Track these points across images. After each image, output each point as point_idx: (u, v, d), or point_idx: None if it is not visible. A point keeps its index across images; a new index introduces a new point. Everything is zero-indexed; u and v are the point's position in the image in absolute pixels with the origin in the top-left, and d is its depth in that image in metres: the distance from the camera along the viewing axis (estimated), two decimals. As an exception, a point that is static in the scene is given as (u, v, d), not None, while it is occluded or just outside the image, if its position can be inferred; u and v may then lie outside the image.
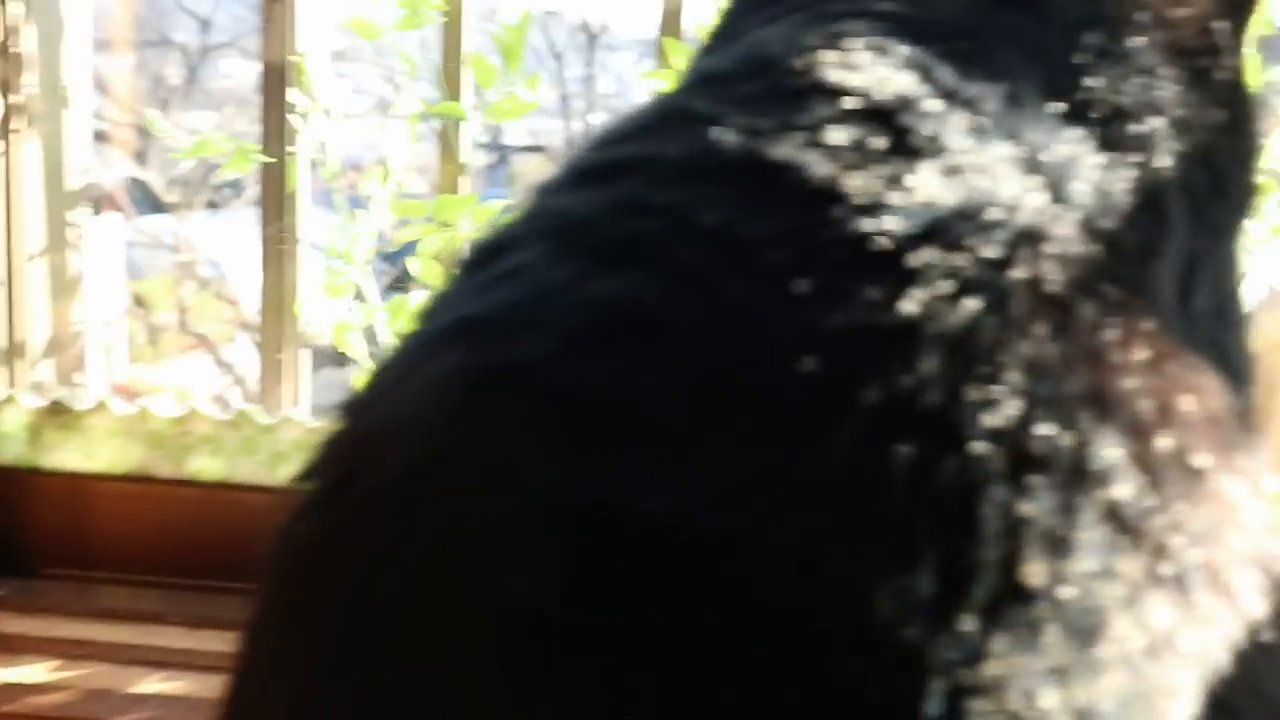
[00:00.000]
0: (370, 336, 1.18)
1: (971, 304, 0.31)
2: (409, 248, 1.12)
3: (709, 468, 0.29)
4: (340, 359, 1.24)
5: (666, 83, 1.08)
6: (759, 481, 0.29)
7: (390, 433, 0.34)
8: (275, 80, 1.13)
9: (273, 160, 1.13)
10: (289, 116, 1.12)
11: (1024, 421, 0.30)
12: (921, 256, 0.32)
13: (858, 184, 0.33)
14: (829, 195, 0.33)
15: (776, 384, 0.30)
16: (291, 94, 1.12)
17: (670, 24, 1.13)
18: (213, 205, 3.52)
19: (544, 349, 0.31)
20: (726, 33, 0.51)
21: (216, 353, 3.25)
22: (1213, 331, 0.42)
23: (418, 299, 1.13)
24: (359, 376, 1.20)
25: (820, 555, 0.28)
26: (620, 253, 0.33)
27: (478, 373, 0.32)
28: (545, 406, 0.31)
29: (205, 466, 1.10)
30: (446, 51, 1.12)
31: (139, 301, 3.19)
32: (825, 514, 0.28)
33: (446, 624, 0.29)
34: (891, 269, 0.31)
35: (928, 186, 0.33)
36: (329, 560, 0.33)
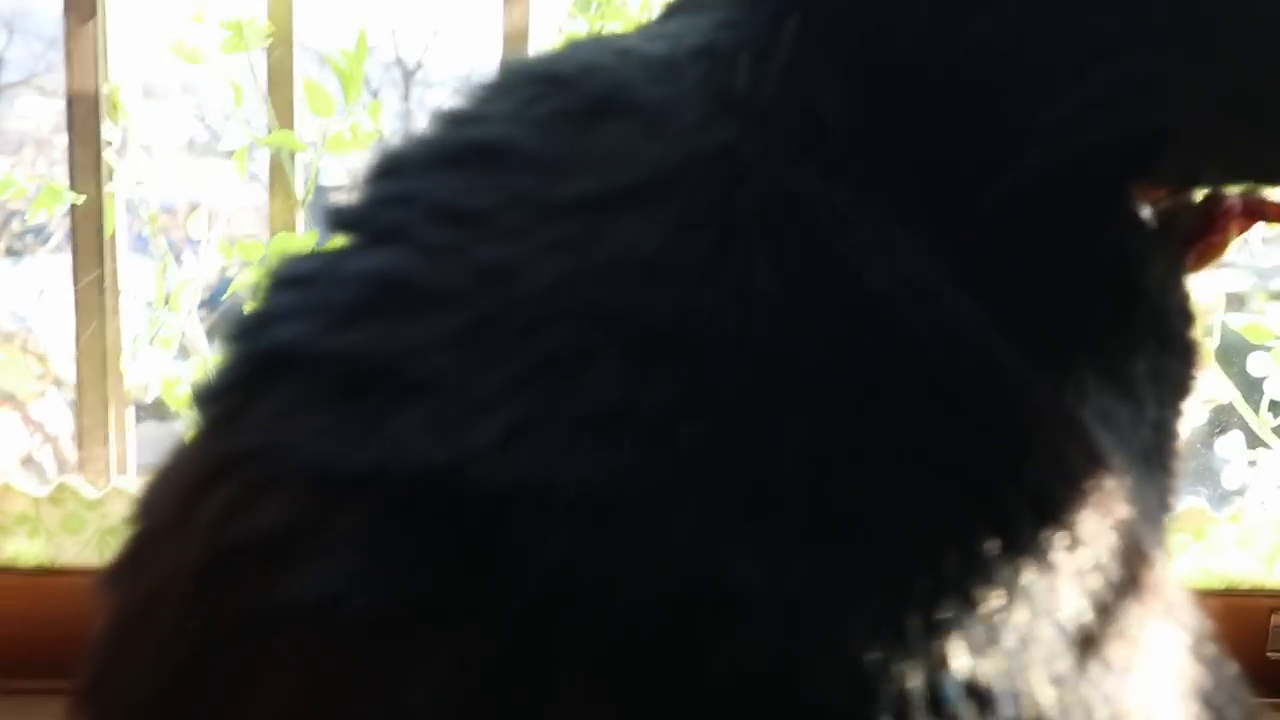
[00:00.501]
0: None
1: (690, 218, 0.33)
2: (235, 291, 1.05)
3: (482, 418, 0.29)
4: (162, 413, 1.14)
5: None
6: (533, 426, 0.29)
7: (172, 468, 0.34)
8: (84, 112, 1.03)
9: (84, 199, 1.03)
10: (103, 153, 1.02)
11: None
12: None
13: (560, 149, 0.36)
14: (540, 162, 0.36)
15: (534, 329, 0.30)
16: (104, 128, 1.02)
17: (513, 45, 1.08)
18: (13, 253, 3.31)
19: (309, 328, 0.32)
20: None
21: (24, 411, 3.05)
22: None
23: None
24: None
25: (609, 495, 0.28)
26: (378, 237, 0.35)
27: (249, 367, 0.33)
28: (312, 384, 0.31)
29: (22, 550, 0.98)
30: (274, 78, 1.04)
31: (-67, 360, 2.97)
32: (607, 452, 0.28)
33: (266, 637, 0.28)
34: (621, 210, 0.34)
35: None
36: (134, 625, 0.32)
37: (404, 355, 0.30)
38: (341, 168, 1.07)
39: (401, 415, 0.29)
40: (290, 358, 0.31)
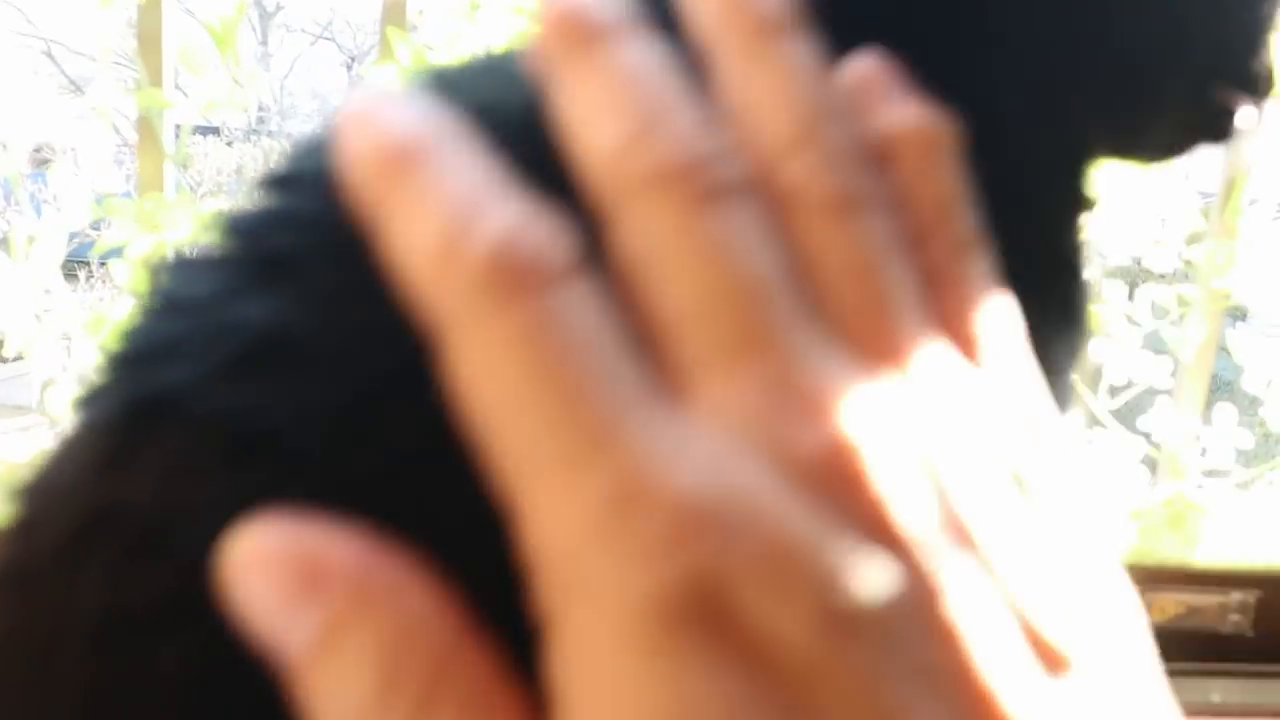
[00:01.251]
0: (66, 348, 1.07)
1: None
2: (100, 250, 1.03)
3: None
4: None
5: (391, 74, 1.03)
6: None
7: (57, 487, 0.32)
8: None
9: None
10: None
11: None
12: None
13: None
14: None
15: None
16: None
17: (394, 13, 1.07)
18: None
19: (196, 375, 0.30)
20: None
21: None
22: None
23: (122, 309, 1.03)
24: (49, 392, 1.10)
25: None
26: (270, 266, 0.31)
27: (134, 409, 0.31)
28: (200, 444, 0.29)
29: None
30: (144, 34, 1.02)
31: None
32: None
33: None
34: None
35: None
36: None
37: (291, 421, 0.29)
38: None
39: (287, 491, 0.28)
40: (177, 407, 0.30)
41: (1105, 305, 1.12)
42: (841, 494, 0.22)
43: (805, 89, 0.27)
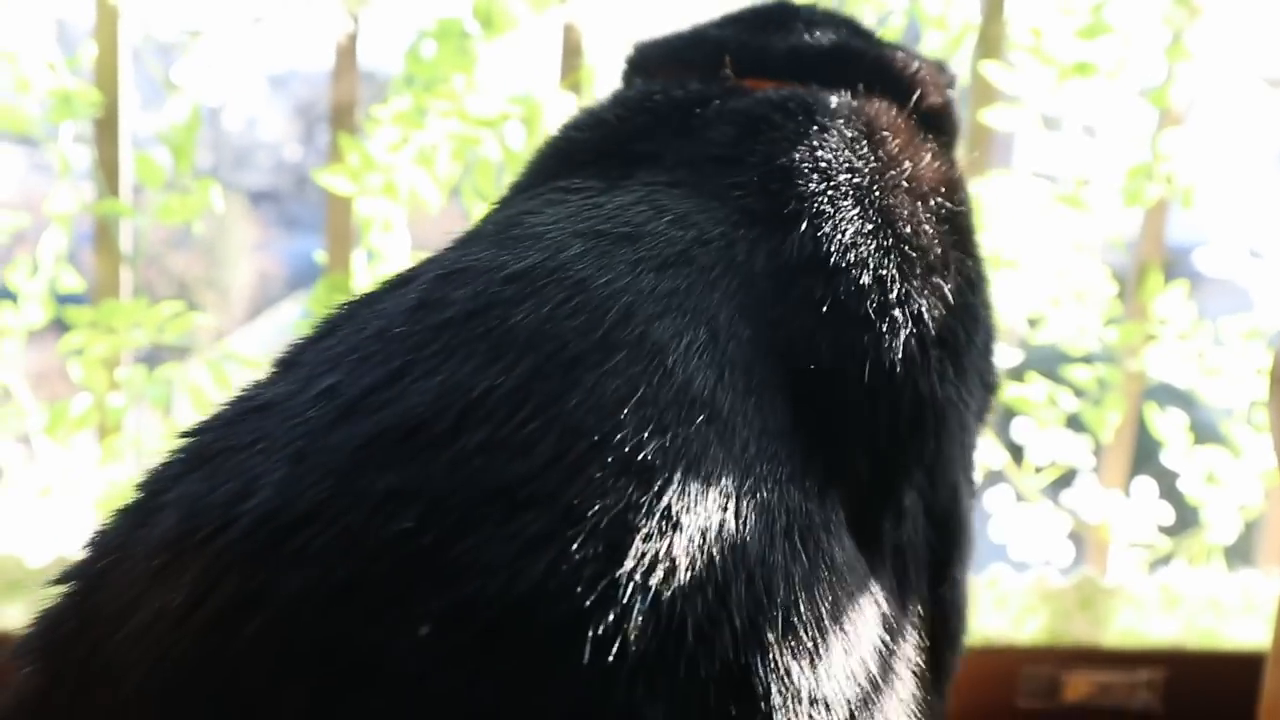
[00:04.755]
0: (24, 442, 1.10)
1: None
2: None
3: None
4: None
5: (337, 181, 1.07)
6: None
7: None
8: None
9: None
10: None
11: None
12: None
13: None
14: None
15: None
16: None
17: (343, 115, 1.11)
18: None
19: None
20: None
21: None
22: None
23: (79, 406, 1.06)
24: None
25: None
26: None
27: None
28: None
29: None
30: (102, 146, 1.06)
31: None
32: None
33: None
34: None
35: None
36: None
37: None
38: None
39: None
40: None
41: (1027, 387, 1.17)
42: None
43: None
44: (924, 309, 0.49)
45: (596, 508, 0.33)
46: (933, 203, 0.54)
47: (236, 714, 0.31)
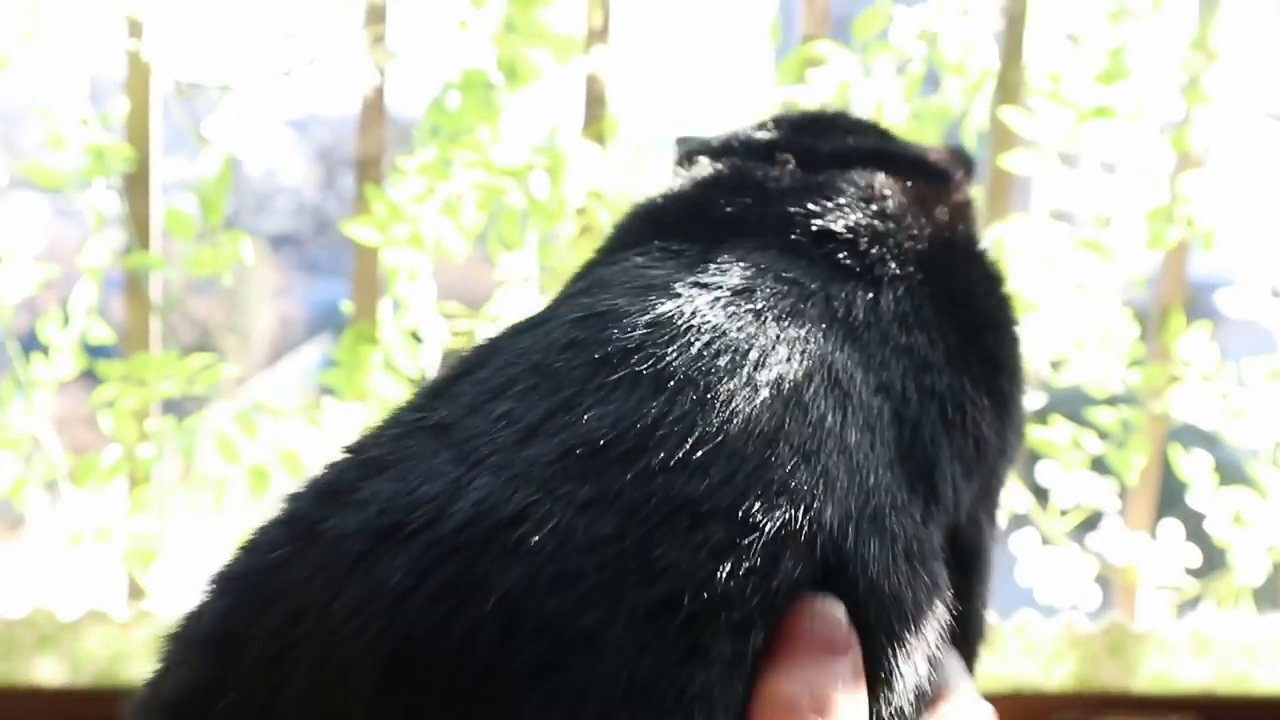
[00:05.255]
0: (51, 491, 1.11)
1: None
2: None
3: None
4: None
5: (367, 233, 1.08)
6: None
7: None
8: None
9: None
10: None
11: None
12: None
13: None
14: None
15: None
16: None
17: (368, 170, 1.13)
18: None
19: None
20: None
21: None
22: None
23: (109, 457, 1.07)
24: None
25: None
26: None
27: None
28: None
29: None
30: (133, 199, 1.08)
31: None
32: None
33: None
34: None
35: None
36: None
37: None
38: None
39: None
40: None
41: (1051, 430, 1.17)
42: None
43: None
44: (976, 359, 0.55)
45: (765, 524, 0.38)
46: (978, 264, 0.60)
47: (472, 674, 0.34)
